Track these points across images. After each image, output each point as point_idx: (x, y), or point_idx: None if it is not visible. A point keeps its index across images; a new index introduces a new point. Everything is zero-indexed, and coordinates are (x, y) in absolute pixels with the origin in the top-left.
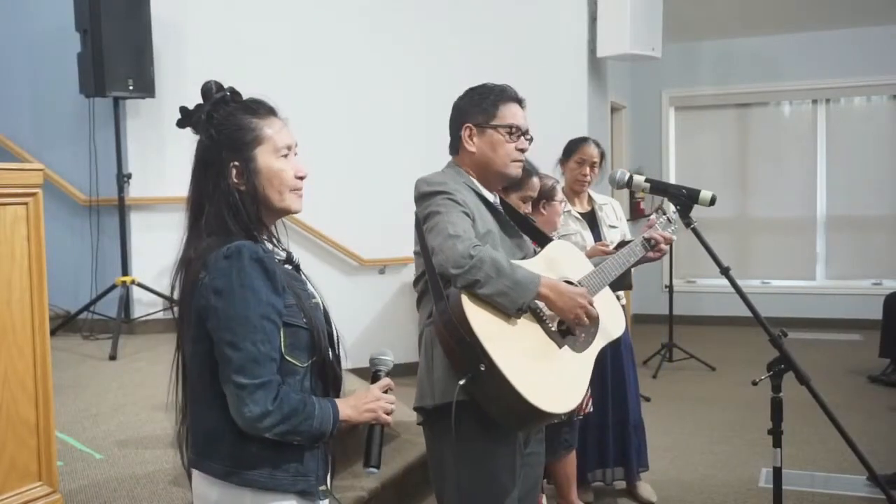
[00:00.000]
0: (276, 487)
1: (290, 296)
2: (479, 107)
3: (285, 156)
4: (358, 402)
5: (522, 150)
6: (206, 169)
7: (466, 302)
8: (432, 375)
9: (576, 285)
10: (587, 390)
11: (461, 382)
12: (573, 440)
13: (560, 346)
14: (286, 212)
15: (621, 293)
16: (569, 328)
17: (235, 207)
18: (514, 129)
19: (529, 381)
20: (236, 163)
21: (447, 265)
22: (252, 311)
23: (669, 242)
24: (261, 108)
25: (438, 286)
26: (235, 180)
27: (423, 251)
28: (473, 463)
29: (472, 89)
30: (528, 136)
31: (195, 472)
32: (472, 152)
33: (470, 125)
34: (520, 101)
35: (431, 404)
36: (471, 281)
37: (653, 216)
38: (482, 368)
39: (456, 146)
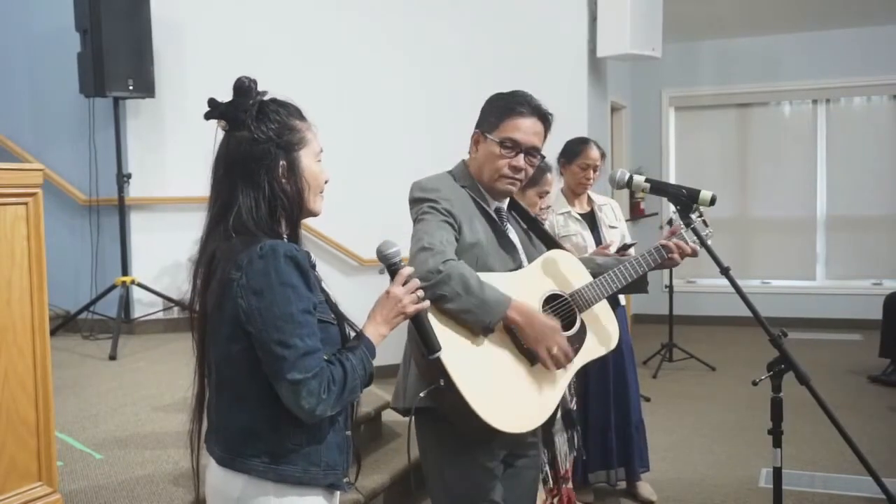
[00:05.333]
0: (308, 482)
1: (319, 292)
2: (490, 113)
3: (319, 160)
4: (386, 314)
5: (517, 168)
6: (248, 165)
7: (431, 317)
8: (407, 380)
9: (566, 297)
10: (571, 397)
11: (421, 394)
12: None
13: (532, 364)
14: (312, 213)
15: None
16: None
17: (280, 205)
18: (507, 143)
19: (487, 399)
20: (284, 162)
21: (416, 277)
22: (294, 307)
23: (690, 254)
24: (300, 112)
25: None
26: (284, 179)
27: None
28: (453, 456)
29: (497, 94)
30: (532, 154)
31: (218, 470)
32: (474, 158)
33: (479, 130)
34: (539, 117)
35: (402, 406)
36: (437, 295)
37: (678, 225)
38: (441, 383)
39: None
